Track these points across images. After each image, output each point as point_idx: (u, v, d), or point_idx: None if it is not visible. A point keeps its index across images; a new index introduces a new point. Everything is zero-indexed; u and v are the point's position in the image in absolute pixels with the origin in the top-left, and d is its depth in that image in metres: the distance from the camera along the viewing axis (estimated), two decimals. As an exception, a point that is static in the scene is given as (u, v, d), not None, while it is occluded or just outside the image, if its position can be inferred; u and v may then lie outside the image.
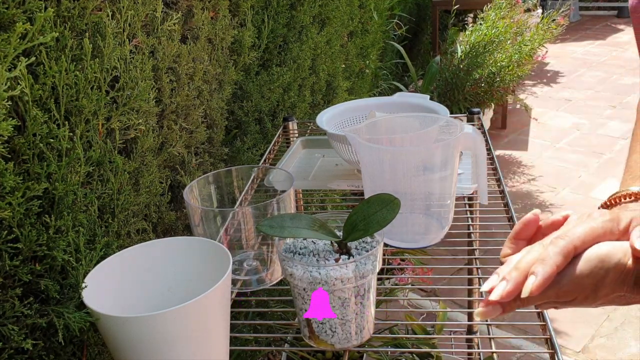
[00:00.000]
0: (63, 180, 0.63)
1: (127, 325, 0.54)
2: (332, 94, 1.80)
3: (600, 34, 5.70)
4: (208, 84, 1.09)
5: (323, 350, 1.07)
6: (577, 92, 4.14)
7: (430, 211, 0.79)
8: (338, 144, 0.98)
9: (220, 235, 0.75)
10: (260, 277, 0.79)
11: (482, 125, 1.22)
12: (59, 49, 0.65)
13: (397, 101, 1.12)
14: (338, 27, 1.77)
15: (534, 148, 3.30)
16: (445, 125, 0.79)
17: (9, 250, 0.56)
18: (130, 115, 0.80)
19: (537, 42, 2.67)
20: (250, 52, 1.24)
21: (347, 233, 0.63)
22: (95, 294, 0.59)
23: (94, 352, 0.69)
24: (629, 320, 1.93)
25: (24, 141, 0.58)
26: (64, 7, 0.66)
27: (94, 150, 0.72)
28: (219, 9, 1.09)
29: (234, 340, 1.07)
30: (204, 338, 0.58)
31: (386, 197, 0.63)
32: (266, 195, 0.91)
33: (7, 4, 0.56)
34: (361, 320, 0.64)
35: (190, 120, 1.03)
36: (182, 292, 0.68)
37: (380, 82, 2.65)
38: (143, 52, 0.84)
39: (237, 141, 1.26)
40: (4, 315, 0.55)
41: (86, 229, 0.68)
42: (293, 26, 1.44)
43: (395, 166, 0.75)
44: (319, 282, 0.60)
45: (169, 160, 0.98)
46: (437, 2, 3.35)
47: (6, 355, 0.55)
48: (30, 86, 0.58)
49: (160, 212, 0.94)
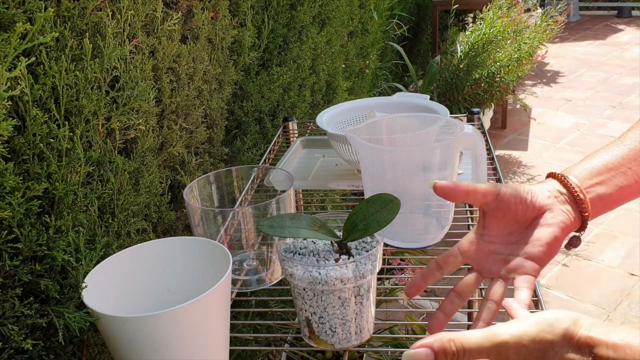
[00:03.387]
0: (63, 180, 0.63)
1: (127, 325, 0.54)
2: (332, 94, 1.80)
3: (600, 34, 5.70)
4: (208, 84, 1.09)
5: (323, 350, 1.07)
6: (577, 92, 4.14)
7: (430, 211, 0.79)
8: (338, 144, 0.98)
9: (220, 235, 0.75)
10: (260, 277, 0.79)
11: (482, 125, 1.22)
12: (59, 49, 0.65)
13: (397, 101, 1.12)
14: (338, 27, 1.77)
15: (534, 148, 3.30)
16: (445, 125, 0.79)
17: (9, 250, 0.56)
18: (130, 115, 0.80)
19: (537, 40, 2.67)
20: (250, 52, 1.24)
21: (347, 233, 0.63)
22: (95, 294, 0.59)
23: (94, 352, 0.69)
24: (629, 320, 1.93)
25: (24, 141, 0.58)
26: (64, 7, 0.66)
27: (94, 150, 0.72)
28: (219, 9, 1.09)
29: (234, 340, 1.07)
30: (204, 338, 0.58)
31: (386, 197, 0.63)
32: (266, 195, 0.91)
33: (7, 4, 0.56)
34: (361, 320, 0.64)
35: (190, 120, 1.03)
36: (182, 292, 0.68)
37: (380, 82, 2.65)
38: (143, 52, 0.84)
39: (237, 141, 1.26)
40: (4, 315, 0.55)
41: (86, 229, 0.68)
42: (293, 26, 1.44)
43: (395, 166, 0.75)
44: (319, 282, 0.60)
45: (169, 160, 0.98)
46: (437, 2, 3.35)
47: (6, 355, 0.55)
48: (30, 86, 0.58)
49: (160, 212, 0.94)
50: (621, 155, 0.60)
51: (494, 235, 0.59)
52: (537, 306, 0.71)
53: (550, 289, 2.10)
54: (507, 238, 0.58)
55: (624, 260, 2.26)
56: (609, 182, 0.59)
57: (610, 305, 2.02)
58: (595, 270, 2.21)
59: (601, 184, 0.59)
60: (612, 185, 0.59)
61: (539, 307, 0.70)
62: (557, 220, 0.57)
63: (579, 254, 2.31)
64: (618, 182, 0.59)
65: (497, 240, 0.59)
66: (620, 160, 0.60)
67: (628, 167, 0.59)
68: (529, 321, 0.43)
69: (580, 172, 0.60)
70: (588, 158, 0.61)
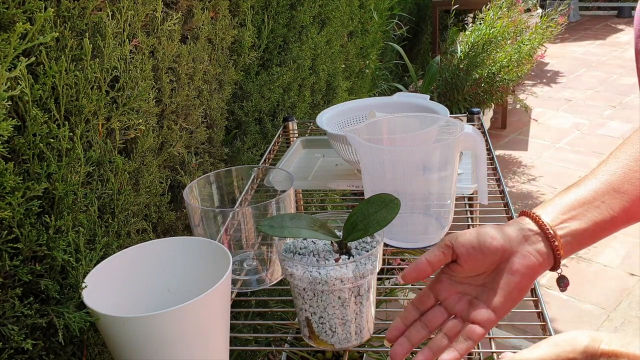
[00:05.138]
0: (63, 180, 0.63)
1: (127, 325, 0.54)
2: (332, 94, 1.80)
3: (600, 34, 5.70)
4: (208, 84, 1.09)
5: (323, 350, 1.07)
6: (577, 92, 4.14)
7: (430, 211, 0.79)
8: (338, 144, 0.98)
9: (220, 235, 0.75)
10: (260, 277, 0.79)
11: (482, 125, 1.22)
12: (59, 49, 0.65)
13: (397, 101, 1.12)
14: (338, 27, 1.77)
15: (534, 148, 3.30)
16: (445, 125, 0.79)
17: (9, 250, 0.56)
18: (130, 115, 0.80)
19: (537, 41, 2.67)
20: (250, 52, 1.24)
21: (347, 233, 0.63)
22: (95, 294, 0.59)
23: (94, 352, 0.69)
24: (629, 320, 1.93)
25: (24, 141, 0.58)
26: (64, 7, 0.66)
27: (94, 150, 0.72)
28: (219, 9, 1.09)
29: (234, 340, 1.07)
30: (204, 338, 0.58)
31: (386, 197, 0.63)
32: (266, 195, 0.91)
33: (7, 4, 0.56)
34: (361, 320, 0.64)
35: (190, 120, 1.03)
36: (182, 292, 0.68)
37: (380, 82, 2.65)
38: (143, 52, 0.84)
39: (237, 141, 1.26)
40: (4, 315, 0.55)
41: (86, 229, 0.68)
42: (293, 26, 1.44)
43: (395, 166, 0.75)
44: (319, 282, 0.60)
45: (169, 160, 0.98)
46: (437, 2, 3.35)
47: (6, 355, 0.55)
48: (30, 86, 0.58)
49: (160, 212, 0.94)
50: (594, 189, 0.59)
51: (461, 278, 0.59)
52: (536, 306, 0.71)
53: (550, 289, 2.10)
54: (473, 280, 0.58)
55: (624, 260, 2.26)
56: (582, 216, 0.58)
57: (610, 305, 2.02)
58: (595, 270, 2.21)
59: (574, 219, 0.58)
60: (586, 220, 0.58)
61: (539, 307, 0.70)
62: (523, 266, 0.56)
63: (579, 254, 2.31)
64: (592, 217, 0.58)
65: (465, 282, 0.59)
66: (593, 194, 0.59)
67: (601, 201, 0.58)
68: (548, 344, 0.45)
69: (553, 208, 0.59)
70: (560, 194, 0.60)
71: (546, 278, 2.18)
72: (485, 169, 0.81)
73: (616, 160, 0.61)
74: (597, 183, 0.60)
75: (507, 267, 0.56)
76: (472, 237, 0.57)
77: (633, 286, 2.11)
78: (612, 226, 0.58)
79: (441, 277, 0.60)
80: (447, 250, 0.58)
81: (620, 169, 0.60)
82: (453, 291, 0.59)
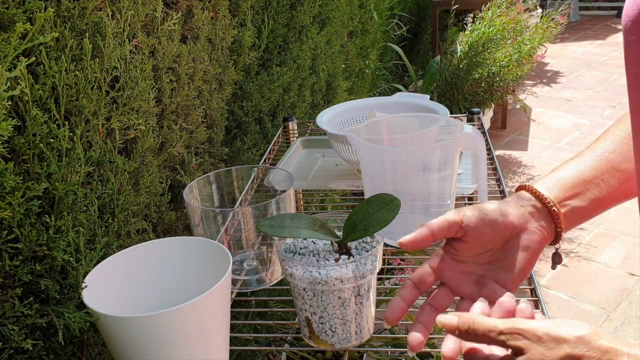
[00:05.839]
0: (63, 180, 0.63)
1: (127, 325, 0.54)
2: (332, 94, 1.80)
3: (600, 34, 5.70)
4: (208, 84, 1.09)
5: (323, 350, 1.07)
6: (577, 92, 4.14)
7: (430, 211, 0.79)
8: (338, 144, 0.98)
9: (220, 235, 0.75)
10: (260, 277, 0.79)
11: (482, 125, 1.22)
12: (59, 49, 0.65)
13: (397, 101, 1.12)
14: (338, 27, 1.77)
15: (533, 148, 3.30)
16: (445, 125, 0.79)
17: (9, 250, 0.56)
18: (130, 115, 0.80)
19: (537, 41, 2.67)
20: (250, 52, 1.24)
21: (347, 233, 0.63)
22: (95, 294, 0.59)
23: (94, 352, 0.69)
24: (629, 320, 1.93)
25: (24, 141, 0.58)
26: (64, 7, 0.66)
27: (94, 150, 0.72)
28: (219, 9, 1.09)
29: (234, 340, 1.07)
30: (204, 338, 0.58)
31: (386, 197, 0.63)
32: (266, 195, 0.91)
33: (7, 4, 0.56)
34: (361, 320, 0.64)
35: (190, 120, 1.03)
36: (182, 292, 0.68)
37: (380, 82, 2.65)
38: (143, 52, 0.84)
39: (237, 141, 1.26)
40: (4, 315, 0.55)
41: (86, 229, 0.68)
42: (293, 26, 1.44)
43: (395, 166, 0.75)
44: (319, 282, 0.60)
45: (169, 160, 0.98)
46: (437, 2, 3.35)
47: (6, 355, 0.55)
48: (30, 86, 0.58)
49: (160, 212, 0.94)
50: (594, 167, 0.59)
51: (466, 256, 0.57)
52: (537, 306, 0.71)
53: (550, 289, 2.10)
54: (479, 258, 0.57)
55: (624, 260, 2.26)
56: (583, 195, 0.58)
57: (610, 305, 2.02)
58: (595, 270, 2.21)
59: (576, 197, 0.58)
60: (587, 199, 0.58)
61: (539, 307, 0.71)
62: (532, 242, 0.56)
63: (579, 254, 2.31)
64: (592, 195, 0.58)
65: (469, 261, 0.57)
66: (593, 171, 0.59)
67: (601, 179, 0.59)
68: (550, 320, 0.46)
69: (553, 184, 0.59)
70: (558, 169, 0.60)
71: (546, 278, 2.18)
72: (485, 169, 0.81)
73: (615, 137, 0.61)
74: (597, 160, 0.60)
75: (516, 243, 0.56)
76: (482, 213, 0.56)
77: (633, 286, 2.11)
78: (609, 203, 0.59)
79: (443, 256, 0.58)
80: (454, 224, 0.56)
81: (619, 147, 0.60)
82: (458, 270, 0.57)
